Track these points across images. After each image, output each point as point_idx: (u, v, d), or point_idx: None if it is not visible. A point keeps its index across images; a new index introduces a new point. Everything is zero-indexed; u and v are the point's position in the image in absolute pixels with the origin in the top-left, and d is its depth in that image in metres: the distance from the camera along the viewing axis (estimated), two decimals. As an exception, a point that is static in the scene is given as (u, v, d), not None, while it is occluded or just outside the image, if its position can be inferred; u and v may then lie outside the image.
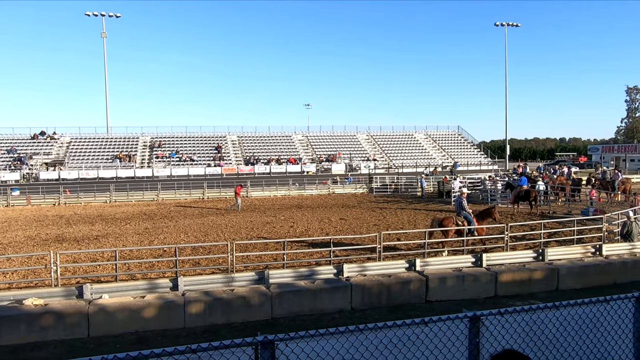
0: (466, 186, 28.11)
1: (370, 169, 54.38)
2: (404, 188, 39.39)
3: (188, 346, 3.36)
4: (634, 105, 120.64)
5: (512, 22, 61.94)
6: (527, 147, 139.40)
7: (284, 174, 52.92)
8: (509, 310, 4.20)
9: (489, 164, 64.22)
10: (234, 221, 24.02)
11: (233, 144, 64.64)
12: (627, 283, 11.81)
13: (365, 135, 70.88)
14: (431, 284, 10.88)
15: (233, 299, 9.71)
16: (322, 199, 36.51)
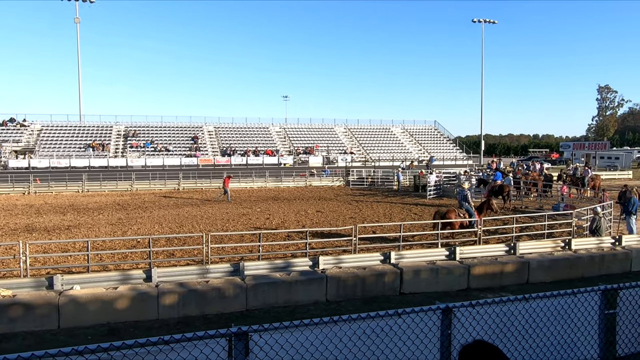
0: (469, 180, 28.33)
1: (348, 162, 54.56)
2: (381, 181, 39.66)
3: (161, 337, 3.33)
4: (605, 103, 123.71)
5: (490, 19, 62.70)
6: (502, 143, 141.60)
7: (261, 166, 52.67)
8: (480, 302, 4.28)
9: (464, 159, 65.09)
10: (210, 212, 23.84)
11: (210, 135, 63.98)
12: (595, 277, 12.14)
13: (342, 128, 70.98)
14: (405, 276, 10.99)
15: (207, 291, 9.64)
16: (298, 191, 36.50)
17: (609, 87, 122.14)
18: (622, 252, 13.09)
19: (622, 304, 4.75)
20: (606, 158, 64.29)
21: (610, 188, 28.20)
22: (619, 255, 12.98)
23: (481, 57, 63.27)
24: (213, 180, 39.20)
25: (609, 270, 12.63)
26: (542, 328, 4.48)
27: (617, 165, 59.74)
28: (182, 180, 38.30)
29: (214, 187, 38.13)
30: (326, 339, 3.86)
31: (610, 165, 59.19)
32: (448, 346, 4.17)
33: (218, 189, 33.88)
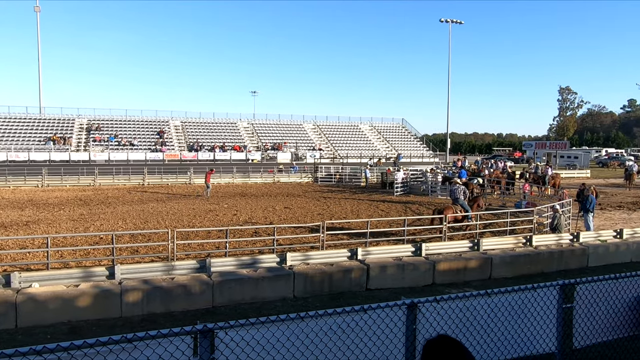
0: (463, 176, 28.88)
1: (316, 159, 54.62)
2: (348, 178, 39.88)
3: (123, 336, 3.27)
4: (565, 104, 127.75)
5: (456, 20, 63.75)
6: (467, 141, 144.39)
7: (229, 162, 52.16)
8: (444, 297, 4.36)
9: (430, 157, 66.14)
10: (176, 208, 23.47)
11: (176, 129, 62.95)
12: (554, 272, 12.55)
13: (311, 125, 71.01)
14: (372, 272, 11.09)
15: (173, 288, 9.50)
16: (266, 187, 36.33)
17: (570, 88, 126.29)
18: (580, 248, 13.56)
19: (579, 298, 4.92)
20: (566, 157, 66.40)
21: (570, 186, 29.18)
22: (577, 251, 13.44)
23: (448, 56, 64.34)
24: (179, 176, 38.61)
25: (567, 265, 13.07)
26: (504, 322, 4.61)
27: (576, 164, 61.80)
28: (147, 176, 37.55)
29: (180, 182, 37.60)
30: (292, 335, 3.86)
31: (569, 165, 61.17)
32: (413, 341, 4.24)
33: (193, 186, 33.32)
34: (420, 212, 22.97)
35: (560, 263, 13.08)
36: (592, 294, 4.95)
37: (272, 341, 3.79)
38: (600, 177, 46.32)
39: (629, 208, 24.53)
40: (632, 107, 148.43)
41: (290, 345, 3.86)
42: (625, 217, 21.95)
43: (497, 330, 4.57)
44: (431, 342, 2.20)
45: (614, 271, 8.85)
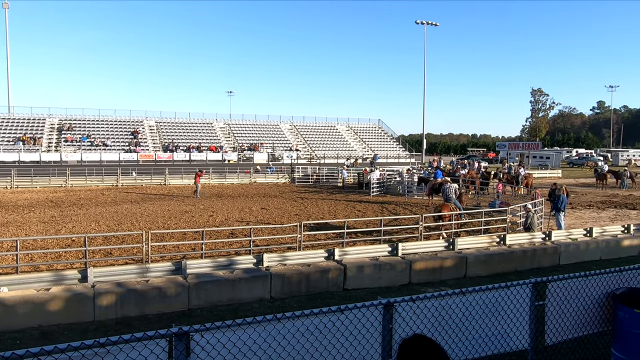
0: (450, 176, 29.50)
1: (293, 159, 54.57)
2: (325, 179, 39.94)
3: (96, 340, 3.20)
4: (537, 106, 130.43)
5: (432, 21, 64.50)
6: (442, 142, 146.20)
7: (204, 162, 51.66)
8: (420, 297, 4.40)
9: (407, 157, 66.70)
10: (150, 210, 23.14)
11: (151, 130, 62.05)
12: (527, 270, 12.78)
13: (288, 125, 70.88)
14: (349, 272, 11.13)
15: (148, 290, 9.36)
16: (243, 188, 36.12)
17: (542, 90, 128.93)
18: (552, 247, 13.86)
19: (551, 296, 5.03)
20: (538, 157, 67.84)
21: (542, 186, 29.80)
22: (549, 250, 13.73)
23: (424, 58, 65.05)
24: (154, 177, 38.08)
25: (539, 263, 13.34)
26: (478, 320, 4.67)
27: (547, 164, 63.19)
28: (121, 177, 36.93)
29: (155, 183, 37.09)
30: (269, 336, 3.84)
31: (541, 165, 62.51)
32: (389, 340, 4.27)
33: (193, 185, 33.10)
34: (396, 212, 23.15)
35: (533, 261, 13.35)
36: (563, 292, 5.06)
37: (248, 343, 3.77)
38: (571, 177, 47.46)
39: (599, 207, 25.19)
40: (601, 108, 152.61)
41: (267, 347, 3.84)
42: (595, 215, 22.53)
43: (471, 329, 4.64)
44: (407, 342, 2.21)
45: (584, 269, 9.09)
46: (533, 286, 4.97)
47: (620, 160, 67.78)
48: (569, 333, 5.15)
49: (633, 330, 4.92)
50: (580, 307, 5.18)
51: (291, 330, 3.90)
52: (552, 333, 5.06)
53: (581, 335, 5.25)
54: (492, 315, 4.76)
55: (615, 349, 5.14)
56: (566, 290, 5.07)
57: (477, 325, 4.67)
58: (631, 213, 23.29)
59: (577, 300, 5.14)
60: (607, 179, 35.81)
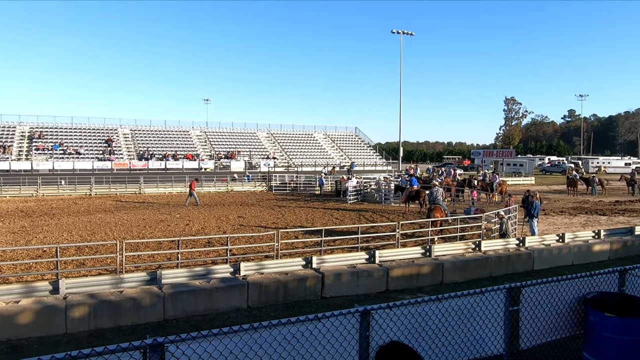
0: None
1: (270, 167, 54.42)
2: (303, 187, 39.93)
3: (67, 353, 3.13)
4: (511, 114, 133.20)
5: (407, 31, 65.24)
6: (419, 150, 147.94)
7: (181, 170, 51.11)
8: (397, 304, 4.42)
9: (383, 165, 67.17)
10: (125, 219, 22.75)
11: (125, 138, 61.16)
12: (502, 275, 12.97)
13: (265, 133, 70.73)
14: (327, 280, 11.11)
15: (122, 301, 9.18)
16: (220, 196, 35.82)
17: (515, 99, 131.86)
18: (526, 252, 14.10)
19: (525, 301, 5.11)
20: (512, 165, 69.17)
21: (515, 193, 30.33)
22: (523, 255, 13.96)
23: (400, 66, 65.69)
24: (129, 185, 37.49)
25: (514, 269, 13.56)
26: (454, 326, 4.71)
27: (521, 171, 64.43)
28: (95, 185, 36.25)
29: (129, 192, 36.51)
30: (246, 346, 3.80)
31: (515, 172, 63.70)
32: (366, 348, 4.27)
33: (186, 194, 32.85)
34: (373, 219, 23.26)
35: (508, 267, 13.55)
36: (537, 297, 5.15)
37: (225, 353, 3.72)
38: (544, 183, 48.47)
39: (570, 213, 25.76)
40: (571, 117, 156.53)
41: (243, 356, 3.80)
42: (567, 221, 23.02)
43: (447, 334, 4.67)
44: (383, 349, 2.22)
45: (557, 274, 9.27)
46: (507, 292, 5.04)
47: (590, 168, 69.56)
48: (543, 337, 5.24)
49: (604, 333, 5.03)
50: (553, 312, 5.27)
51: (268, 339, 3.87)
52: (526, 337, 5.13)
53: (554, 339, 5.34)
54: (468, 321, 4.81)
55: (587, 352, 5.24)
56: (539, 295, 5.16)
57: (454, 331, 4.71)
58: (601, 219, 23.88)
59: (550, 305, 5.23)
60: (578, 186, 36.68)
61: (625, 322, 4.95)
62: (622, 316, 4.97)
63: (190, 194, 29.90)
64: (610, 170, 66.44)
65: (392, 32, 64.75)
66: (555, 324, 5.31)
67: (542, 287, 5.19)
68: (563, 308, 5.34)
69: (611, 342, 4.99)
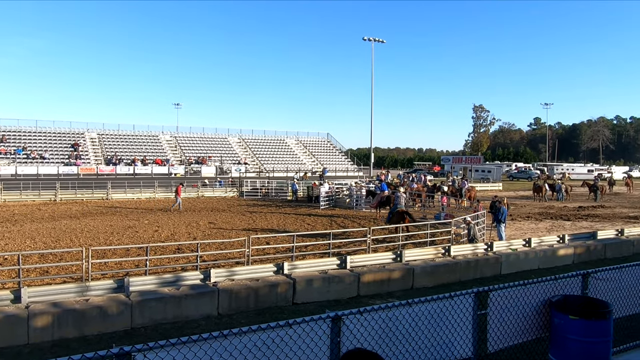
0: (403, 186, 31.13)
1: (242, 173, 54.07)
2: (275, 192, 39.78)
3: (28, 364, 3.02)
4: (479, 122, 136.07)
5: (379, 38, 66.00)
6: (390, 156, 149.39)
7: (150, 176, 50.26)
8: (367, 309, 4.44)
9: (355, 171, 67.56)
10: (91, 225, 22.20)
11: (92, 142, 59.81)
12: (470, 280, 13.20)
13: (237, 139, 70.27)
14: (298, 286, 11.09)
15: (87, 309, 8.95)
16: (190, 202, 35.33)
17: (483, 106, 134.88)
18: (494, 257, 14.38)
19: (492, 305, 5.20)
20: (480, 171, 70.62)
21: (484, 198, 30.94)
22: (491, 260, 14.24)
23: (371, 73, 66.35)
24: (95, 191, 36.64)
25: (482, 273, 13.81)
26: (424, 330, 4.76)
27: (489, 177, 65.81)
28: (60, 191, 35.27)
29: (96, 197, 35.70)
30: (215, 354, 3.75)
31: (483, 178, 65.00)
32: (337, 353, 4.27)
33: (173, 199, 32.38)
34: (345, 225, 23.33)
35: (477, 271, 13.80)
36: (504, 300, 5.25)
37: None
38: (511, 189, 49.57)
39: (536, 218, 26.42)
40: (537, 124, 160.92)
41: (213, 364, 3.74)
42: (533, 227, 23.60)
43: (417, 339, 4.72)
44: (348, 354, 2.23)
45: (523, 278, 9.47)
46: (475, 296, 5.13)
47: (555, 174, 71.54)
48: (510, 340, 5.34)
49: (568, 335, 5.16)
50: (520, 315, 5.38)
51: (238, 346, 3.83)
52: (494, 341, 5.22)
53: (521, 342, 5.45)
54: (438, 325, 4.87)
55: (552, 354, 5.37)
56: (506, 299, 5.26)
57: (423, 335, 4.76)
58: (566, 224, 24.57)
59: (516, 309, 5.34)
60: (543, 192, 37.66)
61: (588, 324, 5.10)
62: (586, 318, 5.11)
63: (176, 199, 29.95)
64: (574, 177, 68.46)
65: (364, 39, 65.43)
66: (522, 327, 5.42)
67: (509, 291, 5.30)
68: (529, 311, 5.46)
69: (575, 343, 5.12)
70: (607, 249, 16.62)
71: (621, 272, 6.39)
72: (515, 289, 5.34)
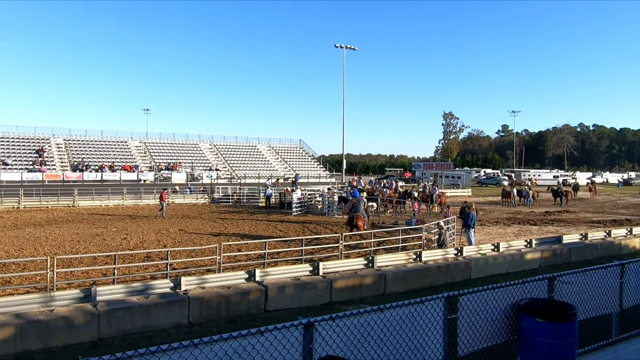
0: (364, 190, 32.35)
1: (213, 179, 53.51)
2: (247, 199, 39.50)
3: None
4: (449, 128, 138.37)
5: (350, 45, 66.51)
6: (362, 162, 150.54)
7: (118, 182, 49.23)
8: (339, 315, 4.43)
9: (327, 177, 67.66)
10: (57, 233, 21.58)
11: (58, 148, 58.24)
12: (441, 285, 13.36)
13: (208, 145, 69.54)
14: (270, 293, 11.02)
15: (52, 320, 8.68)
16: (160, 209, 34.75)
17: (453, 113, 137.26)
18: (464, 262, 14.60)
19: (462, 309, 5.27)
20: (450, 177, 71.78)
21: (454, 204, 31.42)
22: (461, 265, 14.45)
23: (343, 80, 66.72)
24: (61, 198, 35.68)
25: (453, 278, 14.00)
26: (395, 336, 4.78)
27: (459, 183, 66.99)
28: (24, 198, 34.21)
29: (62, 205, 34.77)
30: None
31: (453, 184, 66.09)
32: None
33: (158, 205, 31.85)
34: (317, 231, 23.33)
35: (447, 276, 13.98)
36: (473, 304, 5.33)
37: (162, 372, 3.58)
38: (480, 195, 50.53)
39: (505, 223, 26.97)
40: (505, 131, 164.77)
41: (182, 374, 3.67)
42: (502, 231, 24.08)
43: (389, 344, 4.74)
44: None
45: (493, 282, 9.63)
46: (446, 300, 5.19)
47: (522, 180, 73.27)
48: (479, 344, 5.42)
49: (535, 338, 5.27)
50: (489, 319, 5.47)
51: (209, 355, 3.77)
52: (464, 344, 5.29)
53: (490, 345, 5.54)
54: (409, 330, 4.90)
55: (520, 357, 5.47)
56: (476, 303, 5.34)
57: (395, 340, 4.78)
58: (533, 229, 25.16)
59: (485, 312, 5.43)
60: (511, 197, 38.53)
61: (554, 326, 5.22)
62: (552, 321, 5.23)
63: (161, 204, 29.77)
64: (540, 183, 70.22)
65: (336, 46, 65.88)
66: (491, 331, 5.51)
67: (478, 295, 5.38)
68: (498, 315, 5.56)
69: (542, 346, 5.24)
70: (572, 253, 17.08)
71: (585, 276, 6.57)
72: (484, 293, 5.43)
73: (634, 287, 7.41)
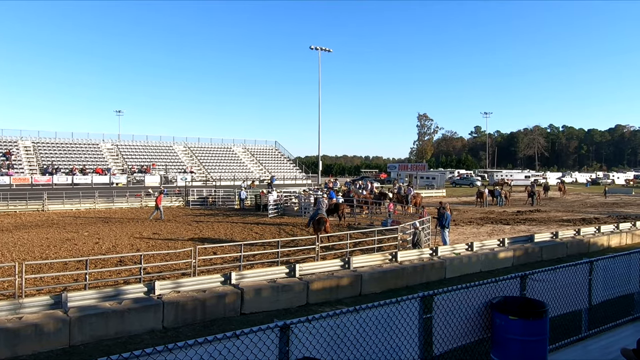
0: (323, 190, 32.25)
1: (187, 182, 52.94)
2: (222, 201, 39.18)
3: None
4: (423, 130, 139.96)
5: (325, 47, 66.68)
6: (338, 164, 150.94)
7: (90, 186, 48.24)
8: (316, 317, 4.43)
9: (303, 179, 67.62)
10: (26, 238, 21.01)
11: (26, 151, 56.76)
12: (417, 285, 13.47)
13: (182, 147, 68.75)
14: (246, 296, 10.94)
15: (21, 328, 8.43)
16: (133, 212, 34.20)
17: (427, 115, 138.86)
18: (439, 262, 14.77)
19: (437, 308, 5.33)
20: (425, 178, 72.56)
21: (429, 204, 31.80)
22: (436, 265, 14.61)
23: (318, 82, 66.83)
24: (30, 202, 34.77)
25: (428, 278, 14.15)
26: (372, 336, 4.81)
27: (433, 184, 67.79)
28: (-9, 203, 33.23)
29: (31, 209, 33.89)
30: (160, 369, 3.62)
31: (428, 185, 66.84)
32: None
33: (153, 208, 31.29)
34: (293, 233, 23.29)
35: (423, 276, 14.12)
36: (448, 303, 5.39)
37: (136, 378, 3.52)
38: (454, 195, 51.24)
39: (478, 223, 27.40)
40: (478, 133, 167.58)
41: (156, 380, 3.61)
42: (475, 231, 24.45)
43: (365, 345, 4.76)
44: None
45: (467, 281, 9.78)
46: (421, 300, 5.24)
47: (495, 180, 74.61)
48: (454, 342, 5.48)
49: (508, 335, 5.37)
50: (463, 317, 5.55)
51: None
52: (439, 343, 5.35)
53: (465, 343, 5.61)
54: (385, 330, 4.93)
55: (494, 354, 5.56)
56: (450, 302, 5.41)
57: (371, 341, 4.80)
58: (505, 228, 25.62)
59: (460, 311, 5.50)
60: (485, 197, 39.19)
61: (526, 323, 5.33)
62: (524, 318, 5.34)
63: (156, 207, 29.46)
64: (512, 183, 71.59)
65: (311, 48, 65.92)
66: (466, 329, 5.58)
67: (453, 294, 5.45)
68: (472, 313, 5.64)
69: (515, 343, 5.33)
70: (543, 251, 17.45)
71: (556, 273, 6.72)
72: (458, 292, 5.50)
73: (602, 283, 7.62)
